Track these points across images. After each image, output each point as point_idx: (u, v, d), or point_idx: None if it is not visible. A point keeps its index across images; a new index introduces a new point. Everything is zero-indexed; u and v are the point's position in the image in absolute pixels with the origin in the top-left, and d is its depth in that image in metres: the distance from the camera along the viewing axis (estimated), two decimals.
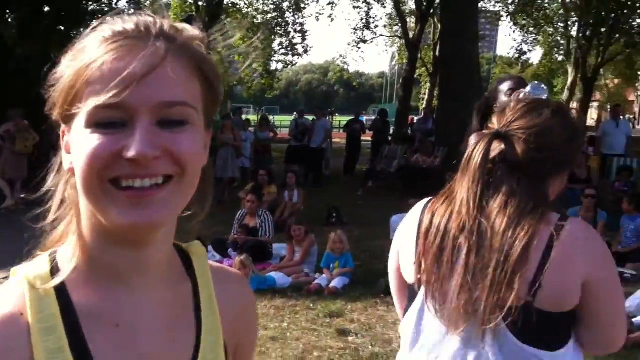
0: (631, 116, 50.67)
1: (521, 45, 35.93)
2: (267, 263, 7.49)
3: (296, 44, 27.35)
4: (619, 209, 8.58)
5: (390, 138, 18.01)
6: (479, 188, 1.51)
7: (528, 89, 3.00)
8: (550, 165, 1.56)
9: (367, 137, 18.68)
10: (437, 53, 22.26)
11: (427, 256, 1.56)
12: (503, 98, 3.18)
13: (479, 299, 1.45)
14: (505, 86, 3.17)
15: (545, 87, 2.92)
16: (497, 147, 1.54)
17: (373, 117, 22.26)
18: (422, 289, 1.59)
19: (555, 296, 1.46)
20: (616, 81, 47.95)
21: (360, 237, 8.78)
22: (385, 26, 32.74)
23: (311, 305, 6.12)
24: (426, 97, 30.84)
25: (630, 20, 33.35)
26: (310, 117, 15.68)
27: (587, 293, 1.48)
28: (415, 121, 21.01)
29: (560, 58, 39.66)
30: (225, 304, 0.97)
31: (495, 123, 1.61)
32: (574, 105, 35.70)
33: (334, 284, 6.61)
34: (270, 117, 27.05)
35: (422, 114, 21.76)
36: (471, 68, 13.18)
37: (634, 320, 5.59)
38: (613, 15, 31.06)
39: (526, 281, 1.43)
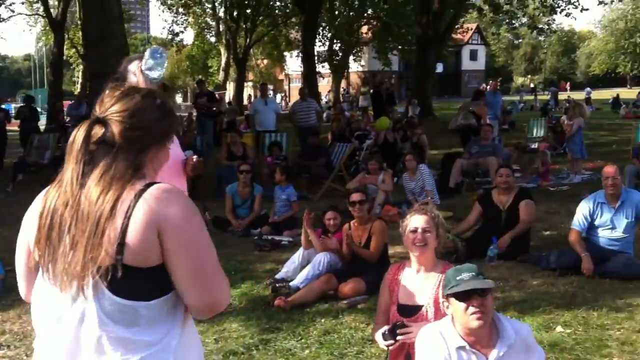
0: (282, 94, 54.96)
1: (172, 26, 36.23)
2: None
3: None
4: (274, 182, 9.10)
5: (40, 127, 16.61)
6: (81, 167, 1.69)
7: (147, 53, 2.95)
8: (144, 141, 1.76)
9: (14, 127, 17.07)
10: None
11: (40, 235, 1.71)
12: (132, 78, 3.03)
13: (78, 261, 1.62)
14: (133, 66, 3.04)
15: (162, 50, 2.92)
16: (98, 132, 1.72)
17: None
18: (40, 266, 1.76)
19: (138, 253, 1.62)
20: (265, 61, 51.54)
21: (11, 239, 7.82)
22: (23, 3, 30.01)
23: None
24: (80, 80, 29.29)
25: (272, 2, 36.02)
26: None
27: (163, 248, 1.65)
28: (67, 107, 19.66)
29: (212, 39, 41.12)
30: None
31: (97, 109, 1.78)
32: (229, 85, 37.38)
33: None
34: None
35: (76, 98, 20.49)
36: (121, 49, 12.71)
37: (291, 283, 5.97)
38: None
39: (113, 241, 1.61)
